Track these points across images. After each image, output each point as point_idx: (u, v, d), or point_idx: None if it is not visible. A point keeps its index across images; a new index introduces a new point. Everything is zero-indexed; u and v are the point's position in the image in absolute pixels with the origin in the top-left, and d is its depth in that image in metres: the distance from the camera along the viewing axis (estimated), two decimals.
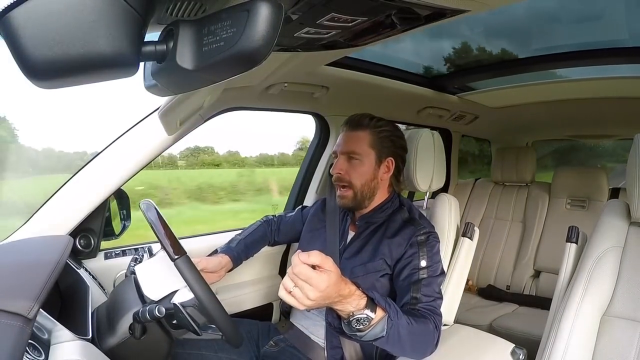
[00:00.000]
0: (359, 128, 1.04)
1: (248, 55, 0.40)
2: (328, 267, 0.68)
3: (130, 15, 0.37)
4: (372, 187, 1.05)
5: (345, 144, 1.04)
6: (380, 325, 0.74)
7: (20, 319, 0.56)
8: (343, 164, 1.04)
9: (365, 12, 0.69)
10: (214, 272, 1.04)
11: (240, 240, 1.19)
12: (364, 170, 1.03)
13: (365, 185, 1.03)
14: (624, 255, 0.90)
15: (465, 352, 1.00)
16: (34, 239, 0.93)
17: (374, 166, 1.04)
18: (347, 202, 1.05)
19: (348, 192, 1.04)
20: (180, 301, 0.78)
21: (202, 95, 0.93)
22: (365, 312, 0.73)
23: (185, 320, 0.77)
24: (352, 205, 1.06)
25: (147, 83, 0.58)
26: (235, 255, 1.13)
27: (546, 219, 2.08)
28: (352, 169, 1.03)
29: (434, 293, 0.92)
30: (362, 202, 1.05)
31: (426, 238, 0.99)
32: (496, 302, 1.98)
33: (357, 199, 1.04)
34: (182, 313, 0.76)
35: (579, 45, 1.41)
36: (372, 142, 1.03)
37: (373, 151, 1.03)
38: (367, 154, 1.03)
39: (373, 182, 1.04)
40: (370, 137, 1.03)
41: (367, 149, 1.03)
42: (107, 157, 1.02)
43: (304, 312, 1.10)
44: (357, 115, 1.06)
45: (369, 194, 1.05)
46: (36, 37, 0.35)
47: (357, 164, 1.03)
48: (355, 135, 1.04)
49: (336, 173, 1.04)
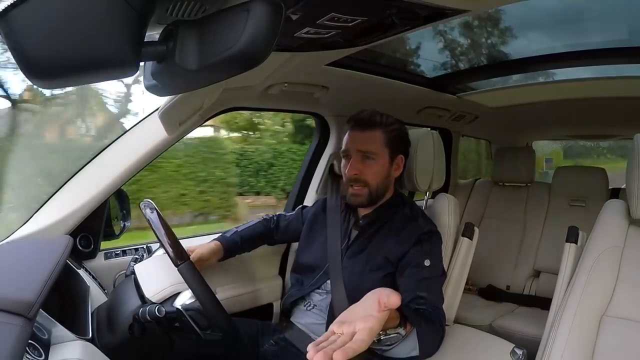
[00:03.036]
0: (372, 127, 1.03)
1: (248, 55, 0.40)
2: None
3: (130, 15, 0.37)
4: (385, 185, 1.05)
5: (359, 144, 1.03)
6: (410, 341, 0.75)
7: (20, 319, 0.56)
8: (358, 164, 1.03)
9: (365, 12, 0.69)
10: (208, 259, 1.06)
11: (236, 232, 1.20)
12: (380, 169, 1.03)
13: (380, 184, 1.04)
14: (624, 255, 0.90)
15: (465, 352, 1.00)
16: (34, 239, 0.93)
17: (388, 164, 1.04)
18: (362, 200, 1.04)
19: (363, 190, 1.03)
20: (183, 305, 0.78)
21: (202, 95, 0.93)
22: (398, 330, 0.72)
23: (188, 324, 0.77)
24: (366, 204, 1.05)
25: (147, 83, 0.58)
26: (227, 244, 1.14)
27: (546, 219, 2.08)
28: (367, 168, 1.02)
29: (438, 293, 0.93)
30: (376, 200, 1.05)
31: (429, 237, 0.99)
32: (496, 302, 1.98)
33: (372, 196, 1.04)
34: (184, 317, 0.77)
35: (579, 45, 1.41)
36: (386, 141, 1.03)
37: (387, 149, 1.04)
38: (382, 153, 1.03)
39: (387, 180, 1.05)
40: (383, 136, 1.03)
41: (382, 148, 1.03)
42: (107, 157, 1.02)
43: (304, 311, 1.10)
44: (365, 113, 1.05)
45: (383, 191, 1.05)
46: (36, 37, 0.35)
47: (372, 163, 1.02)
48: (369, 134, 1.03)
49: (353, 175, 1.03)
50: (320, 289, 1.08)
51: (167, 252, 0.77)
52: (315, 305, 1.08)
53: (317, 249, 1.13)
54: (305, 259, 1.15)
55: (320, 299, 1.08)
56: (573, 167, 2.38)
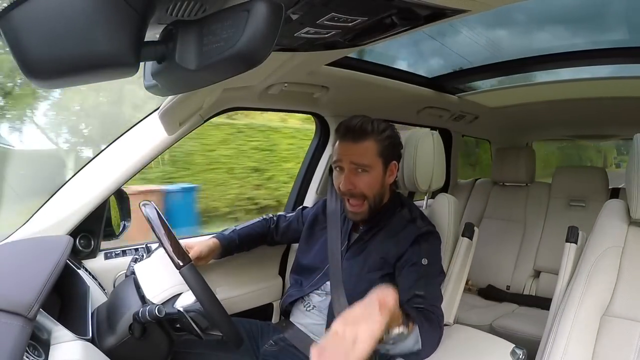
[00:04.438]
0: (364, 137, 1.00)
1: (248, 55, 0.40)
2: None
3: (130, 15, 0.37)
4: (381, 193, 1.04)
5: (352, 156, 1.00)
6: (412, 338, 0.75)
7: (20, 319, 0.56)
8: (352, 177, 1.00)
9: (365, 12, 0.69)
10: (205, 257, 1.08)
11: (234, 231, 1.20)
12: (373, 181, 1.01)
13: (377, 194, 1.03)
14: (624, 255, 0.90)
15: (465, 352, 1.00)
16: (34, 239, 0.93)
17: (381, 174, 1.03)
18: (363, 217, 1.04)
19: (363, 206, 1.02)
20: (184, 306, 0.78)
21: (202, 95, 0.93)
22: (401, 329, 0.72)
23: (189, 325, 0.77)
24: (367, 218, 1.04)
25: (147, 83, 0.58)
26: (225, 242, 1.15)
27: (546, 219, 2.08)
28: (361, 180, 1.00)
29: (436, 292, 0.93)
30: (376, 210, 1.04)
31: (427, 237, 0.99)
32: (496, 302, 1.98)
33: (372, 209, 1.03)
34: (185, 318, 0.77)
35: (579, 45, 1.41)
36: (379, 151, 1.01)
37: (380, 159, 1.01)
38: (375, 165, 1.01)
39: (382, 188, 1.04)
40: (376, 147, 1.00)
41: (375, 159, 1.01)
42: (107, 157, 1.02)
43: (304, 311, 1.10)
44: (357, 121, 1.01)
45: (380, 200, 1.05)
46: (36, 37, 0.35)
47: (365, 175, 1.00)
48: (361, 146, 1.00)
49: (347, 189, 1.01)
50: (320, 290, 1.08)
51: (168, 253, 0.77)
52: (314, 306, 1.08)
53: (317, 251, 1.13)
54: (305, 260, 1.15)
55: (319, 300, 1.08)
56: (573, 167, 2.38)
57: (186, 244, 1.05)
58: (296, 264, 1.19)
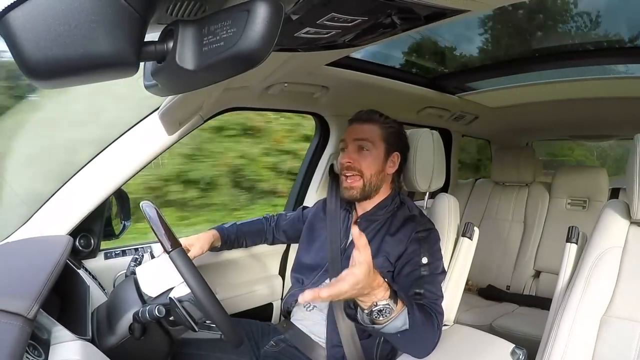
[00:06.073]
0: (370, 121, 1.07)
1: (248, 55, 0.40)
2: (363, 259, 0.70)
3: (130, 15, 0.37)
4: (379, 179, 1.06)
5: (356, 134, 1.06)
6: (400, 318, 0.76)
7: (20, 319, 0.56)
8: (353, 153, 1.06)
9: (365, 12, 0.69)
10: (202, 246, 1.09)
11: (234, 225, 1.22)
12: (374, 160, 1.05)
13: (373, 176, 1.05)
14: (624, 255, 0.90)
15: (465, 352, 1.00)
16: (34, 239, 0.93)
17: (382, 158, 1.06)
18: (354, 194, 1.06)
19: (357, 182, 1.05)
20: (177, 296, 0.78)
21: (202, 95, 0.93)
22: (389, 303, 0.74)
23: (182, 315, 0.76)
24: (359, 197, 1.06)
25: (147, 83, 0.58)
26: (225, 234, 1.16)
27: (546, 219, 2.08)
28: (362, 158, 1.05)
29: (436, 291, 0.93)
30: (370, 193, 1.06)
31: (427, 235, 0.99)
32: (496, 302, 1.98)
33: (365, 189, 1.05)
34: (178, 308, 0.76)
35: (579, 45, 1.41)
36: (383, 136, 1.07)
37: (383, 144, 1.06)
38: (378, 145, 1.06)
39: (380, 174, 1.06)
40: (380, 131, 1.07)
41: (378, 140, 1.06)
42: (107, 157, 1.02)
43: (304, 311, 1.10)
44: (365, 111, 1.09)
45: (376, 186, 1.06)
46: (36, 37, 0.35)
47: (367, 153, 1.05)
48: (366, 127, 1.07)
49: (346, 162, 1.05)
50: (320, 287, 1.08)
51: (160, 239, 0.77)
52: (315, 306, 1.08)
53: (317, 249, 1.13)
54: (305, 259, 1.15)
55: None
56: (573, 167, 2.39)
57: (186, 243, 1.05)
58: (297, 262, 1.19)
